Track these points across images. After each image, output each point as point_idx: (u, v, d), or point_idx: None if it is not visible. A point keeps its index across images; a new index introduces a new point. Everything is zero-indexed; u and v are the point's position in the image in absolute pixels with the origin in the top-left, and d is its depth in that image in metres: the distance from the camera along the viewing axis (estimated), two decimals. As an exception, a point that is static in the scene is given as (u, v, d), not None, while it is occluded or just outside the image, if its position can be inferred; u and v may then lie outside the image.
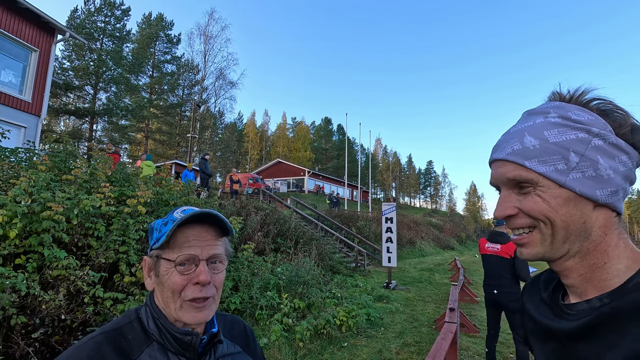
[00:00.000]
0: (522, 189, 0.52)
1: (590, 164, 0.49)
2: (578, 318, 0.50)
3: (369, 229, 17.00)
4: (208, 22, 34.55)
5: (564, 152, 0.50)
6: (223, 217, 0.73)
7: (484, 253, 4.14)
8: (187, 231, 0.70)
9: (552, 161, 0.50)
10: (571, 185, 0.49)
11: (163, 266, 0.69)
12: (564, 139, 0.50)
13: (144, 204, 4.96)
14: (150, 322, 0.70)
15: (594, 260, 0.51)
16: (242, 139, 58.07)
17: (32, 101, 11.72)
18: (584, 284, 0.52)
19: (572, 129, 0.50)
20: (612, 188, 0.49)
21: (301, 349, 4.53)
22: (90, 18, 27.82)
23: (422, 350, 4.80)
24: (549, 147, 0.51)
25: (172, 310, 0.68)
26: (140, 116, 31.25)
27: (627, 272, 0.49)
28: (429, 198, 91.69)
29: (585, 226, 0.50)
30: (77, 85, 26.55)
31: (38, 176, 4.26)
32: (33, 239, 3.63)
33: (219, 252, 0.73)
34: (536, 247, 0.52)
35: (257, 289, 5.61)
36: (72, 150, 6.14)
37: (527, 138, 0.52)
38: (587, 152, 0.49)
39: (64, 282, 3.59)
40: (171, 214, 0.74)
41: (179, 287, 0.68)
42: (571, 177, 0.49)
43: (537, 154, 0.51)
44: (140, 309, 0.74)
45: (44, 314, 3.30)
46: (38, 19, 11.65)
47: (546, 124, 0.52)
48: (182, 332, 0.69)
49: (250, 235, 8.03)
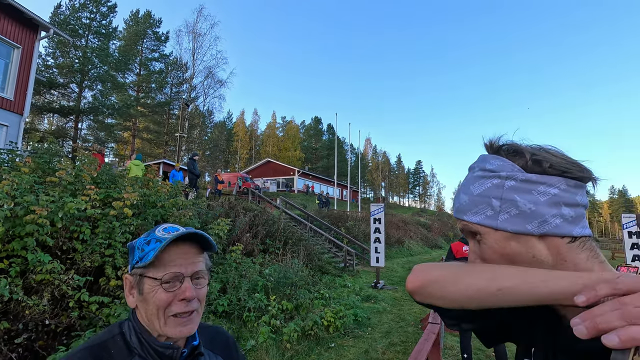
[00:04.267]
0: (475, 238, 0.58)
1: (510, 203, 0.53)
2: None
3: (358, 229, 17.10)
4: (197, 20, 34.23)
5: (487, 199, 0.55)
6: (208, 236, 0.77)
7: (462, 256, 4.15)
8: (171, 250, 0.73)
9: (481, 210, 0.55)
10: (503, 226, 0.53)
11: (147, 284, 0.72)
12: (484, 189, 0.56)
13: (131, 206, 4.92)
14: (132, 337, 0.73)
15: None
16: (231, 138, 57.60)
17: (15, 99, 11.44)
18: (562, 309, 0.53)
19: (488, 178, 0.56)
20: (539, 219, 0.52)
21: (289, 350, 4.57)
22: (74, 14, 27.19)
23: (407, 350, 4.89)
24: (475, 199, 0.56)
25: (156, 326, 0.71)
26: (127, 115, 30.73)
27: None
28: (417, 197, 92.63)
29: (537, 259, 0.52)
30: (62, 83, 25.96)
31: (21, 179, 4.18)
32: (16, 243, 3.58)
33: (201, 268, 0.77)
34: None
35: (245, 290, 5.63)
36: (57, 151, 6.04)
37: (461, 196, 0.59)
38: (505, 194, 0.54)
39: (48, 287, 3.55)
40: (153, 232, 0.77)
41: (165, 303, 0.71)
42: (500, 219, 0.54)
43: (469, 207, 0.57)
44: (123, 324, 0.76)
45: (27, 319, 3.26)
46: (21, 15, 11.36)
47: (472, 179, 0.59)
48: (164, 346, 0.72)
49: (239, 236, 8.03)
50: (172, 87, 35.67)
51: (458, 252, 4.19)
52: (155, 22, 35.39)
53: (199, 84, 34.27)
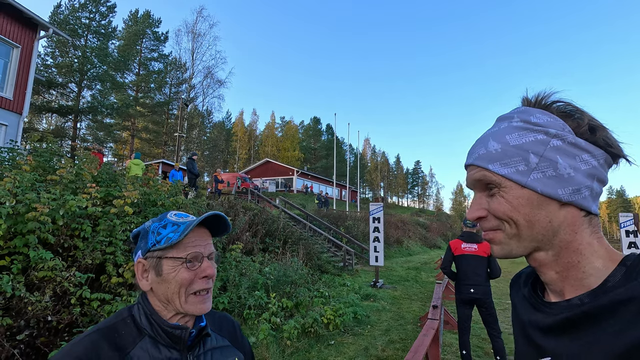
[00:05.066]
0: (489, 191, 0.55)
1: (549, 164, 0.51)
2: (558, 313, 0.51)
3: (357, 229, 17.13)
4: (196, 20, 34.30)
5: (524, 153, 0.52)
6: (226, 217, 0.84)
7: (461, 254, 4.15)
8: (189, 232, 0.78)
9: (513, 163, 0.52)
10: (532, 185, 0.51)
11: (168, 265, 0.76)
12: (523, 142, 0.52)
13: (131, 204, 4.95)
14: (142, 318, 0.77)
15: (568, 259, 0.52)
16: (230, 138, 57.58)
17: (14, 99, 11.44)
18: (560, 282, 0.53)
19: (531, 132, 0.53)
20: (573, 186, 0.50)
21: (289, 347, 4.60)
22: (74, 14, 27.18)
23: (406, 347, 4.92)
24: (510, 150, 0.53)
25: (177, 304, 0.76)
26: (126, 114, 30.72)
27: (604, 271, 0.50)
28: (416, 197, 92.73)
29: (552, 225, 0.51)
30: (61, 83, 25.93)
31: (22, 177, 4.20)
32: (18, 240, 3.60)
33: (214, 250, 0.83)
34: (502, 245, 0.54)
35: (245, 288, 5.66)
36: (56, 150, 6.05)
37: (491, 143, 0.55)
38: (546, 152, 0.51)
39: (50, 284, 3.57)
40: (165, 217, 0.81)
41: (188, 281, 0.75)
42: (532, 177, 0.51)
43: (499, 157, 0.53)
44: (132, 307, 0.80)
45: (29, 315, 3.28)
46: (20, 14, 11.36)
47: (509, 129, 0.55)
48: (173, 326, 0.76)
49: (239, 235, 8.05)
50: (171, 87, 35.69)
51: (457, 250, 4.21)
52: (154, 22, 35.39)
53: (198, 84, 34.34)
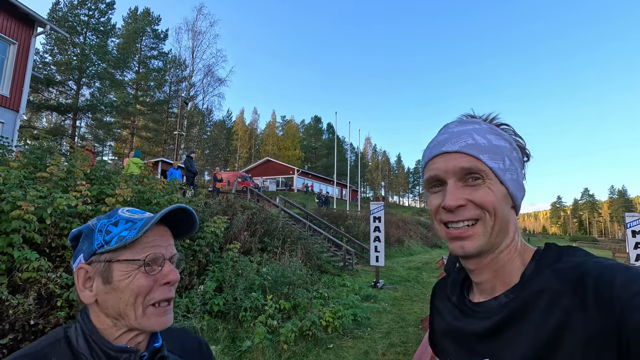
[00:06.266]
0: (473, 180, 0.56)
1: (514, 169, 0.57)
2: (489, 316, 0.55)
3: (357, 228, 16.97)
4: (196, 18, 34.15)
5: (502, 155, 0.57)
6: (193, 211, 0.70)
7: None
8: (148, 230, 0.64)
9: (498, 159, 0.56)
10: (507, 183, 0.56)
11: (119, 270, 0.61)
12: (501, 144, 0.57)
13: (123, 202, 4.79)
14: (80, 340, 0.61)
15: (508, 256, 0.57)
16: (231, 137, 57.43)
17: (10, 96, 11.30)
18: (494, 279, 0.58)
19: (502, 139, 0.58)
20: (523, 193, 0.59)
21: (285, 351, 4.44)
22: (73, 11, 27.05)
23: (408, 351, 4.76)
24: (494, 147, 0.57)
25: (131, 318, 0.61)
26: (125, 113, 30.57)
27: (522, 267, 0.56)
28: (417, 197, 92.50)
29: (508, 223, 0.57)
30: (59, 80, 25.81)
31: (9, 173, 4.05)
32: (2, 239, 3.45)
33: (176, 252, 0.69)
34: (479, 239, 0.55)
35: (242, 290, 5.49)
36: (49, 147, 5.91)
37: (477, 136, 0.57)
38: (513, 159, 0.58)
39: (34, 285, 3.42)
40: (115, 213, 0.67)
41: (146, 289, 0.62)
42: (507, 176, 0.56)
43: (488, 150, 0.56)
44: (69, 327, 0.64)
45: (11, 318, 3.13)
46: (16, 10, 11.22)
47: (487, 130, 0.59)
48: (119, 349, 0.61)
49: (236, 234, 7.89)
50: (171, 85, 35.55)
51: None
52: (154, 19, 35.22)
53: (198, 82, 34.19)
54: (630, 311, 0.42)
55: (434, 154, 0.59)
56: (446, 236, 0.58)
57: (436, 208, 0.58)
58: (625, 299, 0.43)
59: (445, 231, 0.58)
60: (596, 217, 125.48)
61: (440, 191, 0.58)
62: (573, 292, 0.48)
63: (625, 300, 0.43)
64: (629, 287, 0.43)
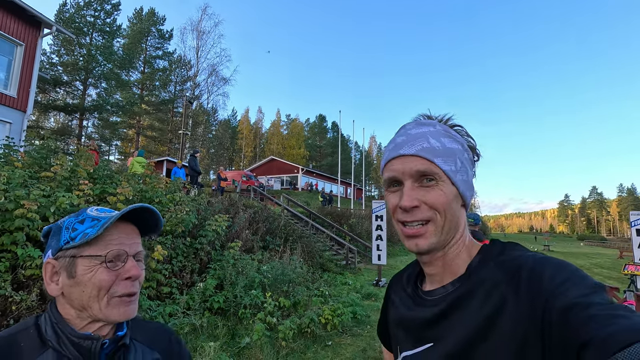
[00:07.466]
0: (427, 181, 0.60)
1: (465, 170, 0.62)
2: (437, 304, 0.61)
3: (360, 227, 16.97)
4: (201, 18, 34.35)
5: (454, 157, 0.61)
6: (157, 211, 0.74)
7: None
8: (111, 228, 0.69)
9: (450, 162, 0.60)
10: (458, 184, 0.60)
11: (83, 265, 0.66)
12: (454, 147, 0.61)
13: (125, 201, 4.87)
14: (48, 328, 0.66)
15: (457, 250, 0.62)
16: (236, 136, 57.64)
17: (18, 97, 11.47)
18: (443, 271, 0.63)
19: (455, 141, 0.62)
20: (472, 193, 0.64)
21: (284, 348, 4.49)
22: (79, 12, 27.34)
23: (406, 349, 4.79)
24: (447, 150, 0.61)
25: (95, 309, 0.65)
26: (131, 112, 30.88)
27: (468, 260, 0.62)
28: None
29: (458, 221, 0.62)
30: (66, 81, 26.13)
31: (13, 173, 4.14)
32: (6, 237, 3.54)
33: (141, 249, 0.73)
34: (431, 237, 0.60)
35: (242, 287, 5.55)
36: (54, 147, 6.01)
37: (432, 140, 0.61)
38: (464, 161, 0.62)
39: (37, 282, 3.51)
40: (84, 212, 0.71)
41: (108, 283, 0.66)
42: (458, 177, 0.60)
43: (441, 154, 0.60)
44: (40, 316, 0.69)
45: (15, 314, 3.22)
46: (23, 12, 11.37)
47: (441, 133, 0.62)
48: (81, 336, 0.65)
49: (238, 233, 7.96)
50: (176, 84, 35.79)
51: None
52: (159, 19, 35.47)
53: (202, 82, 34.39)
54: (553, 298, 0.48)
55: (392, 156, 0.63)
56: (402, 234, 0.63)
57: (394, 207, 0.63)
58: (551, 289, 0.49)
59: (402, 230, 0.62)
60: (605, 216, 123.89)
61: (398, 191, 0.63)
62: (510, 281, 0.54)
63: (551, 290, 0.49)
64: (554, 279, 0.50)
